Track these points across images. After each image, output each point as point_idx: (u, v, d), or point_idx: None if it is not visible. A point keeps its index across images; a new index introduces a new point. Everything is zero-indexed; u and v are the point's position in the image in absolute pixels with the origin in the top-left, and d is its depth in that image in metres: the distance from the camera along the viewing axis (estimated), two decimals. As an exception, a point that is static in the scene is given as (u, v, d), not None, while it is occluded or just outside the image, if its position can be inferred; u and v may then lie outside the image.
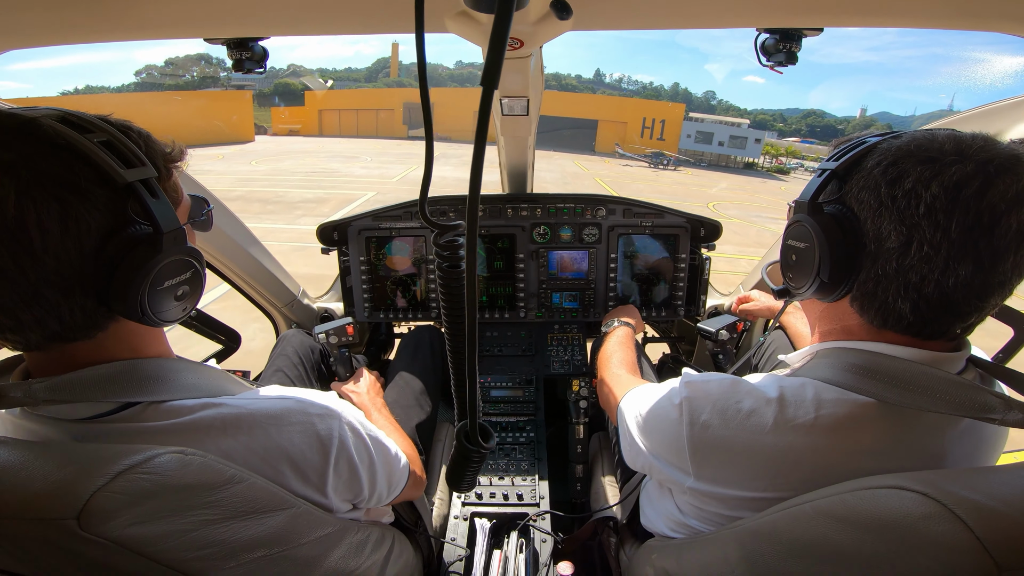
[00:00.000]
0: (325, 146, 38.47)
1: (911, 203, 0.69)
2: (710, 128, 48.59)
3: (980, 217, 0.66)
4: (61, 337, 0.68)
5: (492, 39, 0.50)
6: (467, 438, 0.82)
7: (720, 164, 45.98)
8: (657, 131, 48.67)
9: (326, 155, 31.45)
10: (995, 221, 0.65)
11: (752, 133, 48.45)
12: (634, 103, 57.23)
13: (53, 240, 0.61)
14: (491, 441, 0.84)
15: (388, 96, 59.92)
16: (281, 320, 2.35)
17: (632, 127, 49.16)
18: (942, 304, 0.71)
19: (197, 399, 0.76)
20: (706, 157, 46.33)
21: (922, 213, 0.68)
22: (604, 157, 42.26)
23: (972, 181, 0.66)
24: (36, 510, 0.53)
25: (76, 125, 0.66)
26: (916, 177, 0.69)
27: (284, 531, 0.73)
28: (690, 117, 52.62)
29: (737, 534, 0.80)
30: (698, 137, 47.10)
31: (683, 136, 47.45)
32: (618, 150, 41.63)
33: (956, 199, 0.66)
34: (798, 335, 1.73)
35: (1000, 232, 0.66)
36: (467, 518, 1.65)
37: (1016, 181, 0.65)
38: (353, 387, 1.66)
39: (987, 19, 1.00)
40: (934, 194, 0.67)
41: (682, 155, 41.77)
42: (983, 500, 0.54)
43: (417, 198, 0.69)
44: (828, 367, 0.81)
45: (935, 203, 0.67)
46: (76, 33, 1.12)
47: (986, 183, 0.65)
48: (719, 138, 46.55)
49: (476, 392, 0.73)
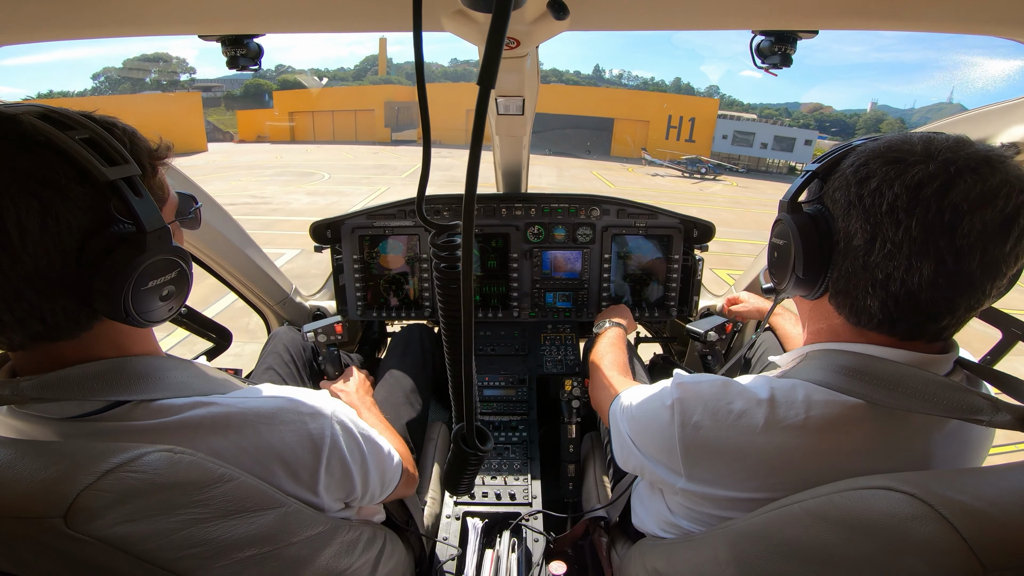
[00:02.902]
0: (285, 156, 32.11)
1: (875, 201, 0.71)
2: (750, 127, 40.67)
3: (941, 216, 0.66)
4: (44, 337, 0.68)
5: (489, 38, 0.50)
6: (464, 441, 0.81)
7: (760, 169, 38.81)
8: (685, 131, 39.84)
9: (275, 171, 24.61)
10: (956, 220, 0.66)
11: (801, 133, 40.51)
12: (657, 98, 46.13)
13: (32, 239, 0.60)
14: (488, 444, 0.84)
15: (368, 95, 50.93)
16: (273, 318, 2.34)
17: (655, 127, 40.33)
18: (909, 303, 0.72)
19: (187, 398, 0.75)
20: (742, 161, 38.34)
21: (884, 211, 0.70)
22: (627, 164, 34.61)
23: (933, 180, 0.67)
24: (22, 509, 0.53)
25: (57, 122, 0.64)
26: (882, 176, 0.71)
27: (274, 530, 0.73)
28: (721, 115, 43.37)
29: (727, 535, 0.81)
30: (736, 138, 39.32)
31: (717, 137, 39.53)
32: (645, 156, 33.68)
33: (917, 197, 0.67)
34: (787, 336, 1.74)
35: (962, 232, 0.66)
36: (459, 517, 1.65)
37: (980, 181, 0.66)
38: (342, 386, 1.66)
39: (982, 23, 1.01)
40: (896, 193, 0.69)
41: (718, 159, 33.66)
42: (970, 501, 0.54)
43: (411, 196, 0.68)
44: (818, 368, 0.82)
45: (896, 201, 0.69)
46: (71, 29, 1.10)
47: (947, 183, 0.66)
48: (762, 139, 38.79)
49: (473, 394, 0.72)
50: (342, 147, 39.82)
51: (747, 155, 38.84)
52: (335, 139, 46.06)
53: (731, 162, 35.37)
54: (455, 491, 0.98)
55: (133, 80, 62.02)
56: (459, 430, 0.82)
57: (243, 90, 58.41)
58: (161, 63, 63.19)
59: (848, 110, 63.91)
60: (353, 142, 44.25)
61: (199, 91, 52.79)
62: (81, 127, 0.66)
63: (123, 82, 62.20)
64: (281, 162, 29.05)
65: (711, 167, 30.47)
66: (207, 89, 59.52)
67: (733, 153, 38.44)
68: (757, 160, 39.11)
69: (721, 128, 39.92)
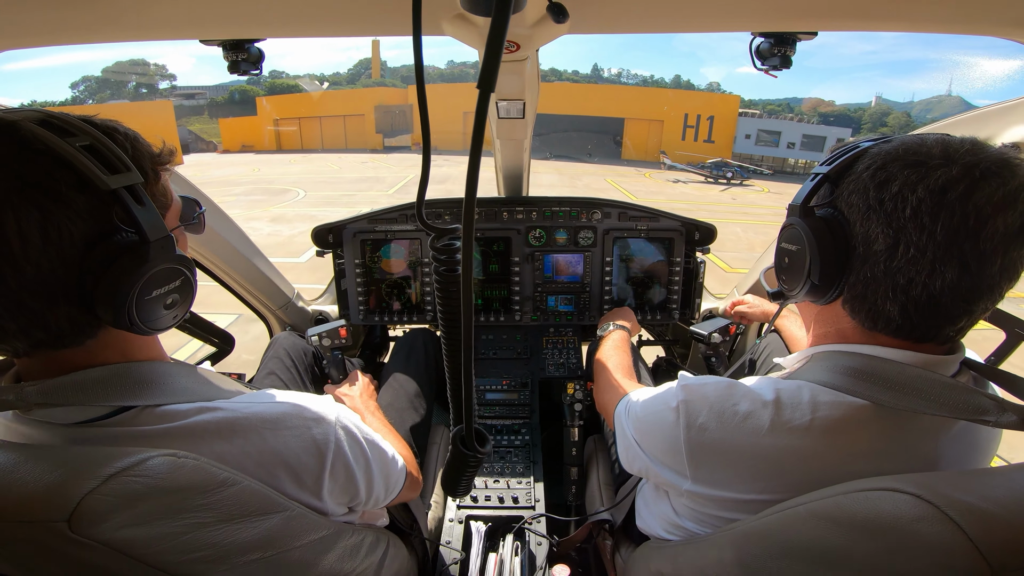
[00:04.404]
0: (264, 169, 29.21)
1: (898, 206, 0.70)
2: (776, 126, 37.85)
3: (966, 220, 0.66)
4: (48, 344, 0.67)
5: (489, 42, 0.50)
6: (463, 443, 0.81)
7: (785, 171, 35.65)
8: (703, 131, 36.83)
9: (246, 187, 22.05)
10: (981, 224, 0.66)
11: (831, 131, 37.29)
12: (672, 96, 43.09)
13: (34, 249, 0.60)
14: (487, 446, 0.83)
15: (358, 99, 47.22)
16: (275, 323, 2.34)
17: (670, 126, 37.14)
18: (930, 307, 0.72)
19: (192, 403, 0.75)
20: (765, 162, 35.30)
21: (908, 216, 0.69)
22: (643, 168, 31.68)
23: (958, 184, 0.66)
24: (27, 513, 0.53)
25: (58, 128, 0.64)
26: (903, 181, 0.70)
27: (278, 534, 0.73)
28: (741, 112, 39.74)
29: (732, 536, 0.80)
30: (760, 138, 36.63)
31: (739, 137, 36.79)
32: (664, 160, 30.67)
33: (941, 202, 0.67)
34: (793, 338, 1.73)
35: (986, 235, 0.66)
36: (462, 521, 1.64)
37: (1002, 185, 0.66)
38: (346, 390, 1.66)
39: (981, 23, 1.01)
40: (920, 197, 0.68)
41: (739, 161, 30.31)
42: (977, 502, 0.54)
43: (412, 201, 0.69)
44: (823, 370, 0.82)
45: (921, 206, 0.68)
46: (73, 34, 1.11)
47: (972, 186, 0.66)
48: (788, 138, 36.13)
49: (472, 396, 0.72)
50: (329, 156, 37.44)
51: (771, 156, 36.18)
52: (324, 147, 43.36)
53: (754, 164, 32.80)
54: (454, 493, 0.97)
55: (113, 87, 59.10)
56: (458, 432, 0.82)
57: (228, 97, 54.39)
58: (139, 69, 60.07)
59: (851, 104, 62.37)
60: (343, 150, 41.71)
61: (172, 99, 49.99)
62: (82, 133, 0.65)
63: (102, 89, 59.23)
64: (256, 176, 26.25)
65: (737, 170, 27.70)
66: (190, 96, 56.22)
67: (755, 154, 35.87)
68: (782, 161, 36.41)
69: (743, 127, 37.20)
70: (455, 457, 0.87)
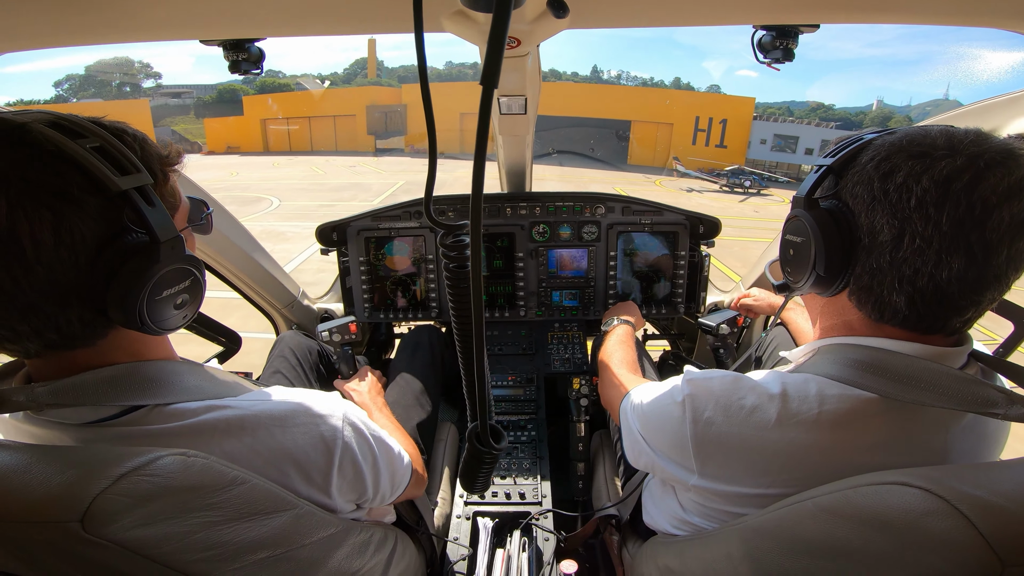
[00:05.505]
0: (242, 173, 27.28)
1: (903, 196, 0.69)
2: (794, 130, 35.17)
3: (971, 210, 0.66)
4: (60, 345, 0.68)
5: (491, 38, 0.50)
6: (479, 439, 0.82)
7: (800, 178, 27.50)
8: (715, 135, 34.52)
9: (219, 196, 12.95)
10: (987, 214, 0.66)
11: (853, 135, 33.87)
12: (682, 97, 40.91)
13: (46, 251, 0.60)
14: (503, 442, 0.84)
15: (348, 99, 44.27)
16: (281, 321, 2.35)
17: (680, 129, 34.99)
18: (937, 298, 0.71)
19: (201, 401, 0.76)
20: (780, 169, 33.00)
21: (913, 206, 0.69)
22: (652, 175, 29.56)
23: (962, 174, 0.66)
24: (40, 513, 0.53)
25: (68, 130, 0.64)
26: (907, 171, 0.69)
27: (287, 532, 0.73)
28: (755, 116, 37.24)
29: (740, 531, 0.80)
30: (776, 143, 34.28)
31: (754, 142, 34.47)
32: (677, 166, 28.83)
33: (946, 192, 0.66)
34: (799, 331, 1.73)
35: (992, 225, 0.66)
36: (470, 517, 1.65)
37: (1007, 175, 0.65)
38: (355, 385, 1.67)
39: (984, 15, 1.00)
40: (924, 187, 0.68)
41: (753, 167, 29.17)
42: (987, 496, 0.54)
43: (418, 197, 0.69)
44: (830, 363, 0.81)
45: (925, 196, 0.68)
46: (73, 35, 1.11)
47: (976, 176, 0.66)
48: (807, 143, 33.55)
49: (487, 393, 0.72)
50: (316, 159, 35.12)
51: (787, 162, 33.80)
52: (313, 148, 41.33)
53: (769, 171, 31.00)
54: (472, 489, 0.98)
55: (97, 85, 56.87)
56: (473, 429, 0.82)
57: (216, 96, 50.91)
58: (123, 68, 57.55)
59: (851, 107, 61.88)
60: (333, 152, 39.35)
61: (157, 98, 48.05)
62: (91, 135, 0.65)
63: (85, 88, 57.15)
64: (232, 182, 24.14)
65: (755, 179, 25.52)
66: (176, 95, 54.35)
67: (771, 160, 34.07)
68: (797, 168, 33.59)
69: (758, 131, 34.92)
70: (471, 454, 0.87)
